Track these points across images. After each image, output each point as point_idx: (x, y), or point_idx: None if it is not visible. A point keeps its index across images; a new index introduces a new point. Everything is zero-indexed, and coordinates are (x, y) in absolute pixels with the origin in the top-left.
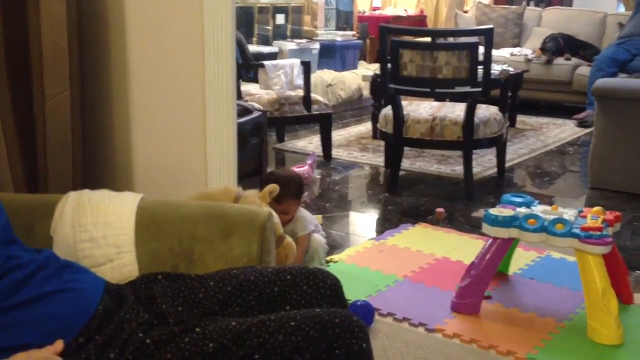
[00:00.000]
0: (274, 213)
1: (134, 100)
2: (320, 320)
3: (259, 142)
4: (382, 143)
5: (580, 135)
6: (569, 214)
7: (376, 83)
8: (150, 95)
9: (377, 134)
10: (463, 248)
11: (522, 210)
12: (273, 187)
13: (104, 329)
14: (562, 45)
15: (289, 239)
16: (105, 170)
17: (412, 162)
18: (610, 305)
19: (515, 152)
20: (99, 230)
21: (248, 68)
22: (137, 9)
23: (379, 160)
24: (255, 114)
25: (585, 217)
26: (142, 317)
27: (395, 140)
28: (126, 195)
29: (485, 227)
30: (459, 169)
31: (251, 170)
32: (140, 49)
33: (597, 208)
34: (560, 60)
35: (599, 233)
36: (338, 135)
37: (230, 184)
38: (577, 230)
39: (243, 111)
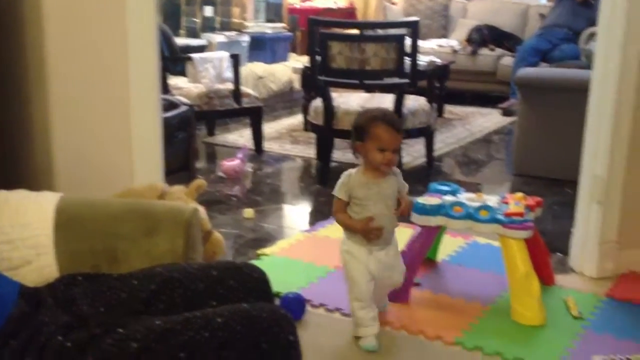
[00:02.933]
0: (200, 208)
1: (53, 96)
2: (247, 315)
3: (186, 136)
4: (314, 135)
5: (505, 124)
6: (492, 200)
7: (306, 75)
8: (70, 90)
9: (308, 126)
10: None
11: (448, 198)
12: (200, 183)
13: (20, 334)
14: (486, 36)
15: (217, 234)
16: (24, 169)
17: (344, 154)
18: (533, 288)
19: (444, 141)
20: (16, 232)
21: (175, 61)
22: (55, 0)
23: (311, 152)
24: (182, 108)
25: (507, 203)
26: (61, 320)
27: (326, 132)
28: (45, 195)
29: (414, 216)
30: None
31: (179, 166)
32: (59, 42)
33: (518, 194)
34: (485, 51)
35: (521, 218)
36: (269, 128)
37: (157, 180)
38: (501, 217)
39: (169, 106)
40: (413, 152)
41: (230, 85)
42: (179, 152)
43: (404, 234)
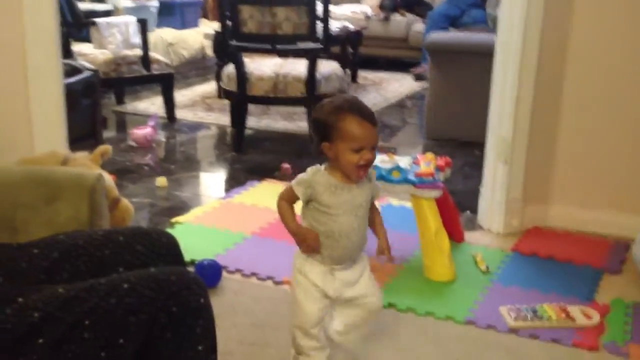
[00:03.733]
0: (106, 175)
1: None
2: (155, 279)
3: (91, 103)
4: (228, 102)
5: (418, 89)
6: (404, 161)
7: (218, 41)
8: None
9: (221, 93)
10: None
11: None
12: (105, 148)
13: None
14: (398, 3)
15: (125, 202)
16: None
17: (258, 120)
18: (443, 245)
19: None
20: None
21: (79, 26)
22: None
23: (225, 119)
24: (86, 74)
25: (418, 164)
26: None
27: (239, 99)
28: None
29: None
30: (304, 125)
31: (85, 134)
32: None
33: (429, 155)
34: (397, 17)
35: (431, 178)
36: (182, 95)
37: (60, 147)
38: (412, 177)
39: (72, 71)
40: None
41: (138, 52)
42: (84, 119)
43: None
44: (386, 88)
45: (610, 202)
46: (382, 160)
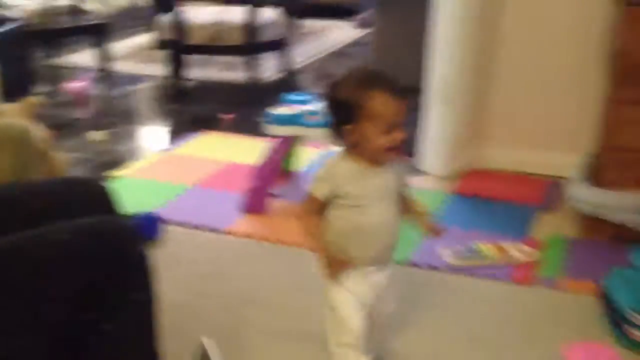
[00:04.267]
0: (37, 127)
1: None
2: (91, 230)
3: (20, 55)
4: (167, 52)
5: (361, 36)
6: None
7: None
8: None
9: (160, 43)
10: (251, 151)
11: (303, 107)
12: (34, 99)
13: None
14: None
15: (58, 154)
16: None
17: (200, 71)
18: None
19: (300, 55)
20: None
21: None
22: None
23: (165, 71)
24: (12, 24)
25: None
26: None
27: (178, 48)
28: None
29: (267, 127)
30: (245, 75)
31: (14, 87)
32: None
33: None
34: None
35: None
36: (119, 46)
37: None
38: None
39: None
40: (269, 66)
41: (68, 1)
42: (14, 71)
43: (262, 149)
44: (328, 36)
45: (546, 143)
46: (322, 107)
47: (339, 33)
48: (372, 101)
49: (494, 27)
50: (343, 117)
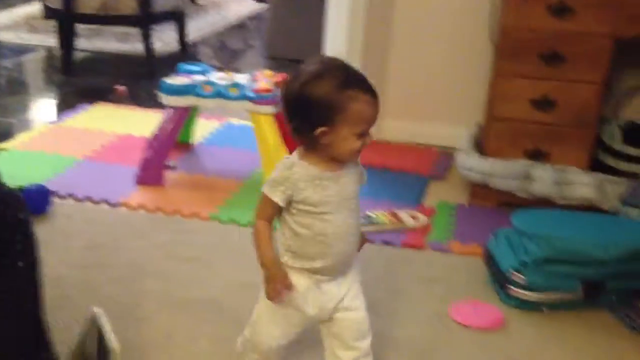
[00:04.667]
0: None
1: None
2: None
3: None
4: (54, 22)
5: (259, 10)
6: (242, 78)
7: None
8: None
9: (47, 12)
10: (146, 124)
11: (198, 77)
12: None
13: None
14: None
15: None
16: None
17: (90, 42)
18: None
19: (198, 28)
20: None
21: None
22: None
23: (52, 41)
24: None
25: (257, 80)
26: None
27: (66, 18)
28: None
29: (162, 97)
30: (140, 46)
31: None
32: None
33: (267, 71)
34: None
35: (270, 94)
36: (2, 16)
37: None
38: (250, 93)
39: None
40: (165, 39)
41: None
42: None
43: (157, 121)
44: (226, 9)
45: (438, 115)
46: (219, 78)
47: (238, 6)
48: (354, 104)
49: (388, 3)
50: (315, 118)
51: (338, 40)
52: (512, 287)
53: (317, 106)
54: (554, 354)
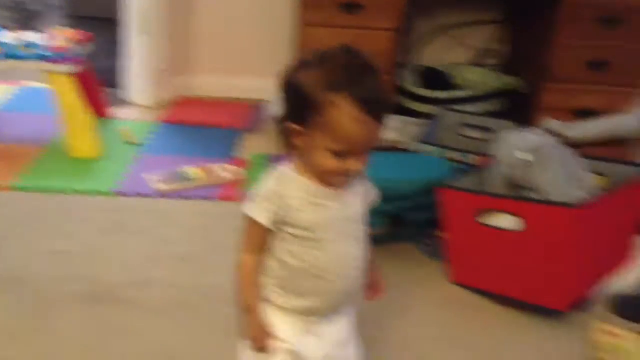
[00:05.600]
0: None
1: None
2: None
3: None
4: None
5: None
6: (35, 37)
7: None
8: None
9: None
10: None
11: None
12: None
13: None
14: None
15: None
16: None
17: None
18: (86, 122)
19: None
20: None
21: None
22: None
23: None
24: None
25: (54, 38)
26: None
27: None
28: None
29: None
30: None
31: None
32: None
33: (65, 30)
34: None
35: (68, 52)
36: None
37: None
38: (46, 52)
39: None
40: None
41: None
42: None
43: None
44: None
45: (248, 69)
46: (12, 38)
47: None
48: (333, 111)
49: None
50: (292, 109)
51: None
52: None
53: (295, 96)
54: None
